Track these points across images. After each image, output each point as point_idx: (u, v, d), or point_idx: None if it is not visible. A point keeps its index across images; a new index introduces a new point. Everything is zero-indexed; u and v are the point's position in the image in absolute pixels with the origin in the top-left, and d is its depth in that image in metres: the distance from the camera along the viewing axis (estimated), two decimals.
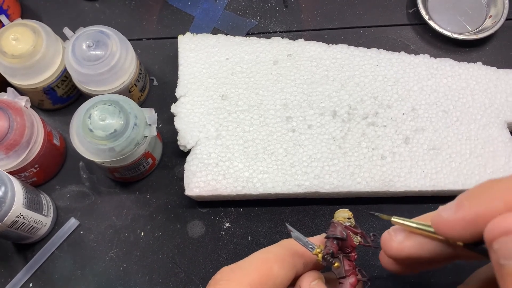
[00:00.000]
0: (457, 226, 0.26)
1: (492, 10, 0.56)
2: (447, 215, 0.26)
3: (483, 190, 0.25)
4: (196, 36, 0.52)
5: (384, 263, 0.33)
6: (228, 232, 0.49)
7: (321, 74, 0.50)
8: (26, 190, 0.44)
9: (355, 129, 0.48)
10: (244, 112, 0.49)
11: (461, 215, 0.25)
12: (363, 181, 0.46)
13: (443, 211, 0.27)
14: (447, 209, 0.26)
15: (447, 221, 0.26)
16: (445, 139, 0.48)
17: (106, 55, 0.46)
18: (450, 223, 0.26)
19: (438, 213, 0.27)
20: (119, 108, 0.43)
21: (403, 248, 0.30)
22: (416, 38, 0.56)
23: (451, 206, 0.26)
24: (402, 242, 0.30)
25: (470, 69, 0.51)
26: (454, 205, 0.26)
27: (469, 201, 0.25)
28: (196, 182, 0.47)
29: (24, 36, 0.46)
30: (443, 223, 0.26)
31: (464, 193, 0.26)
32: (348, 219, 0.33)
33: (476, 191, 0.26)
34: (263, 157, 0.47)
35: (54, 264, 0.48)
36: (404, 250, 0.29)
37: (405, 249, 0.29)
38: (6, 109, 0.43)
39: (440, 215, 0.27)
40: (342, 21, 0.57)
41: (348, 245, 0.32)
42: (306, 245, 0.32)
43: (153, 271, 0.47)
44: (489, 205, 0.24)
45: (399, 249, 0.30)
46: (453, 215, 0.26)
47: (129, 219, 0.49)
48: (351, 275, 0.32)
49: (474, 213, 0.25)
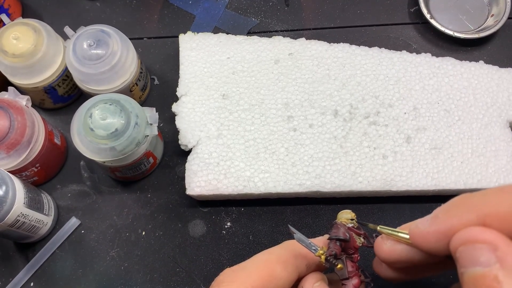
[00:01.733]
0: (431, 238, 0.26)
1: (494, 9, 0.56)
2: (422, 227, 0.27)
3: (458, 204, 0.26)
4: (197, 35, 0.52)
5: (378, 270, 0.34)
6: (229, 231, 0.48)
7: (322, 73, 0.50)
8: (27, 189, 0.44)
9: (357, 128, 0.48)
10: (245, 111, 0.49)
11: (435, 228, 0.26)
12: (364, 181, 0.46)
13: (420, 223, 0.27)
14: (424, 221, 0.27)
15: (422, 233, 0.27)
16: (447, 138, 0.48)
17: (107, 54, 0.46)
18: (424, 235, 0.27)
19: (416, 224, 0.28)
20: (120, 107, 0.43)
21: (394, 251, 0.30)
22: (417, 37, 0.56)
23: (427, 219, 0.27)
24: (392, 246, 0.30)
25: (472, 68, 0.51)
26: (430, 218, 0.27)
27: (443, 215, 0.26)
28: (197, 182, 0.46)
29: (25, 35, 0.46)
30: (418, 234, 0.27)
31: (440, 206, 0.27)
32: (351, 220, 0.33)
33: (451, 205, 0.26)
34: (264, 156, 0.47)
35: (55, 263, 0.48)
36: (395, 253, 0.30)
37: (396, 252, 0.30)
38: (7, 108, 0.43)
39: (417, 226, 0.27)
40: (343, 20, 0.57)
41: (351, 246, 0.32)
42: (309, 247, 0.32)
43: (154, 270, 0.47)
44: (462, 218, 0.25)
45: (389, 252, 0.30)
46: (428, 228, 0.27)
47: (130, 218, 0.49)
48: (354, 276, 0.32)
49: (447, 226, 0.25)
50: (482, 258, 0.23)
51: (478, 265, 0.24)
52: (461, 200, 0.26)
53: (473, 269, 0.24)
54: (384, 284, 0.46)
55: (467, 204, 0.25)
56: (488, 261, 0.23)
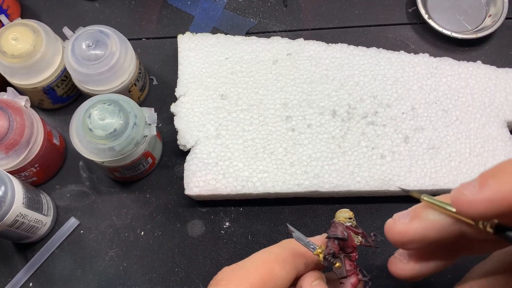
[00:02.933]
0: (480, 205, 0.24)
1: (491, 9, 0.56)
2: (470, 193, 0.25)
3: (508, 170, 0.24)
4: (196, 36, 0.52)
5: (394, 269, 0.32)
6: (228, 231, 0.49)
7: (320, 73, 0.50)
8: (26, 189, 0.44)
9: (355, 128, 0.48)
10: (244, 112, 0.49)
11: (486, 195, 0.24)
12: (362, 180, 0.46)
13: (466, 189, 0.25)
14: (470, 187, 0.25)
15: (470, 200, 0.25)
16: (445, 138, 0.48)
17: (106, 55, 0.46)
18: (473, 202, 0.25)
19: (460, 190, 0.26)
20: (118, 108, 0.43)
21: (408, 230, 0.29)
22: (415, 37, 0.56)
23: (474, 184, 0.25)
24: (407, 224, 0.29)
25: (469, 68, 0.51)
26: (477, 183, 0.25)
27: (493, 181, 0.24)
28: (196, 182, 0.47)
29: (23, 35, 0.46)
30: (465, 202, 0.25)
31: (488, 170, 0.25)
32: (349, 219, 0.33)
33: (502, 169, 0.24)
34: (262, 156, 0.47)
35: (54, 263, 0.48)
36: (409, 232, 0.29)
37: (410, 231, 0.29)
38: (6, 109, 0.43)
39: (462, 192, 0.25)
40: (341, 20, 0.57)
41: (349, 245, 0.32)
42: (308, 246, 0.32)
43: (153, 270, 0.47)
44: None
45: (404, 231, 0.29)
46: (477, 194, 0.25)
47: (129, 218, 0.49)
48: (352, 275, 0.32)
49: (500, 194, 0.24)
50: None
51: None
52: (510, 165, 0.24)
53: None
54: (382, 283, 0.46)
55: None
56: None
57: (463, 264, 0.34)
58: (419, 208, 0.30)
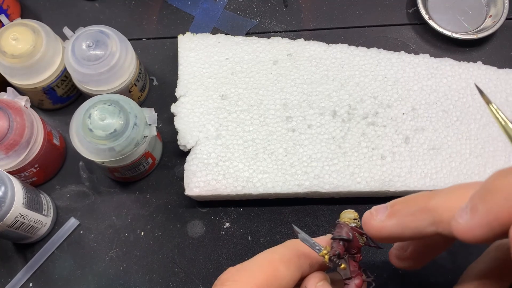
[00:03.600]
0: (476, 231, 0.25)
1: (492, 10, 0.56)
2: (464, 221, 0.25)
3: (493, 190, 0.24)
4: (196, 36, 0.52)
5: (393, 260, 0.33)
6: (228, 232, 0.49)
7: (321, 74, 0.50)
8: (26, 190, 0.44)
9: (355, 129, 0.48)
10: (244, 112, 0.49)
11: (478, 222, 0.24)
12: (363, 181, 0.46)
13: (460, 217, 0.26)
14: (463, 214, 0.25)
15: (466, 228, 0.25)
16: (445, 139, 0.48)
17: (106, 55, 0.46)
18: (468, 229, 0.25)
19: (456, 219, 0.26)
20: (119, 108, 0.43)
21: (384, 226, 0.29)
22: (416, 37, 0.56)
23: (466, 211, 0.25)
24: (383, 221, 0.29)
25: (470, 69, 0.51)
26: (468, 210, 0.25)
27: (482, 205, 0.24)
28: (196, 182, 0.47)
29: (23, 36, 0.46)
30: (462, 230, 0.25)
31: (474, 194, 0.25)
32: (354, 220, 0.33)
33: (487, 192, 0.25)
34: (263, 157, 0.47)
35: (54, 264, 0.48)
36: (385, 228, 0.29)
37: (386, 228, 0.29)
38: (6, 109, 0.43)
39: (458, 222, 0.26)
40: (342, 20, 0.57)
41: (354, 246, 0.32)
42: (313, 247, 0.32)
43: (153, 271, 0.47)
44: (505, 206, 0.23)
45: (380, 227, 0.29)
46: (470, 221, 0.25)
47: (129, 219, 0.49)
48: (357, 276, 0.32)
49: (490, 219, 0.24)
50: None
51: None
52: (495, 184, 0.24)
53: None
54: (381, 283, 0.46)
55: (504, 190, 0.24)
56: None
57: (464, 265, 0.34)
58: (398, 205, 0.29)
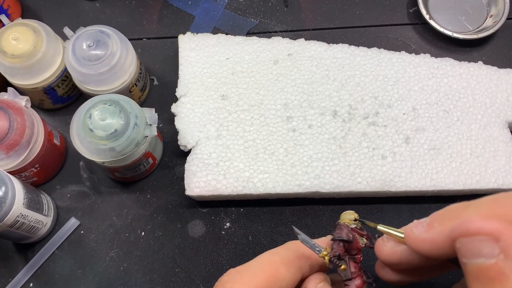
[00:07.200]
0: (425, 245, 0.26)
1: (493, 10, 0.56)
2: (417, 233, 0.27)
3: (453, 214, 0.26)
4: (197, 36, 0.52)
5: (380, 273, 0.34)
6: (229, 232, 0.49)
7: (321, 74, 0.50)
8: (26, 190, 0.44)
9: (356, 129, 0.48)
10: (245, 112, 0.49)
11: (430, 237, 0.26)
12: (363, 181, 0.46)
13: (415, 227, 0.27)
14: (419, 226, 0.27)
15: (417, 239, 0.27)
16: (446, 139, 0.48)
17: (107, 55, 0.46)
18: (419, 241, 0.27)
19: (411, 228, 0.28)
20: (119, 108, 0.43)
21: (394, 253, 0.30)
22: (416, 37, 0.56)
23: (423, 224, 0.27)
24: (393, 248, 0.30)
25: (471, 69, 0.51)
26: (426, 224, 0.27)
27: (439, 225, 0.26)
28: (196, 182, 0.46)
29: (24, 35, 0.46)
30: (414, 239, 0.27)
31: (436, 213, 0.27)
32: (354, 221, 0.33)
33: (447, 214, 0.26)
34: (263, 157, 0.47)
35: (54, 264, 0.48)
36: (395, 255, 0.30)
37: (396, 254, 0.30)
38: (7, 109, 0.43)
39: (412, 231, 0.27)
40: (342, 20, 0.57)
41: (354, 247, 0.32)
42: (313, 248, 0.32)
43: (154, 271, 0.47)
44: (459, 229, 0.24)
45: (391, 253, 0.31)
46: (423, 234, 0.27)
47: (129, 219, 0.49)
48: (357, 277, 0.32)
49: (442, 237, 0.25)
50: (485, 250, 0.23)
51: (481, 257, 0.23)
52: (457, 210, 0.26)
53: (476, 260, 0.23)
54: (381, 283, 0.46)
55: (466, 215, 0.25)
56: (491, 253, 0.23)
57: None
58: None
